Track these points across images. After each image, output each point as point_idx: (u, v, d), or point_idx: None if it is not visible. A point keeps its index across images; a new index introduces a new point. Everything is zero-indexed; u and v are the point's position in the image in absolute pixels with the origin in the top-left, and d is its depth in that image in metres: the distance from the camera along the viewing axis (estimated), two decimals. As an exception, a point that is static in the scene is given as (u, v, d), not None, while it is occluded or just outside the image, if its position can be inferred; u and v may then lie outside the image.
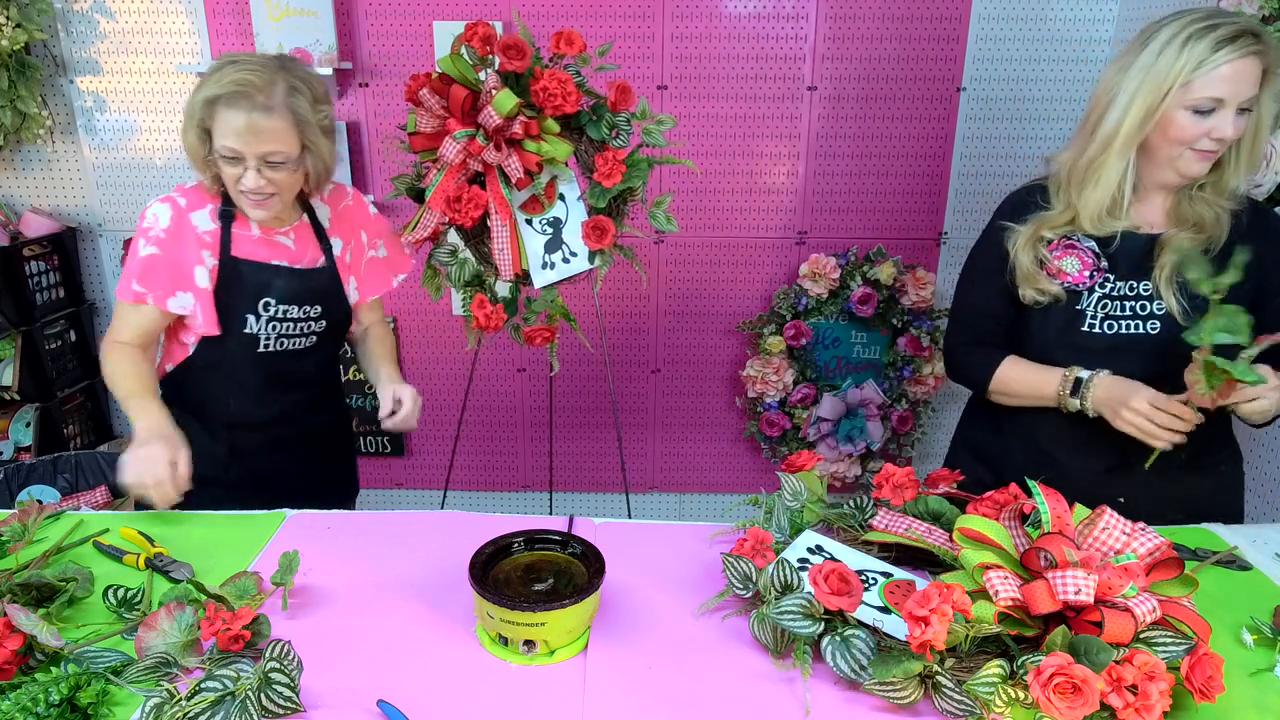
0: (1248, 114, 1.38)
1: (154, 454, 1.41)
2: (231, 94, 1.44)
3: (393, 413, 1.68)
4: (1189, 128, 1.38)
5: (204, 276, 1.58)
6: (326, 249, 1.71)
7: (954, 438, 1.81)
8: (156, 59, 2.86)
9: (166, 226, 1.57)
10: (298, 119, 1.49)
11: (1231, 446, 1.60)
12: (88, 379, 3.09)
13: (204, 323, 1.59)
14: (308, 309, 1.67)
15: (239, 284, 1.60)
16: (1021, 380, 1.55)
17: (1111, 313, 1.48)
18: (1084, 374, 1.48)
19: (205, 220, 1.59)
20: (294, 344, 1.69)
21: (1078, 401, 1.48)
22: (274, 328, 1.65)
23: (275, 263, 1.63)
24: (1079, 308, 1.50)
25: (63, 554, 1.32)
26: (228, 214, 1.60)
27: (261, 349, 1.65)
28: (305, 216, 1.69)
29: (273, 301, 1.63)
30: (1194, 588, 1.12)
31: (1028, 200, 1.56)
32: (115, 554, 1.32)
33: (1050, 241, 1.51)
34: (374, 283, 1.82)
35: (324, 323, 1.72)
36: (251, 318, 1.62)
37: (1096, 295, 1.49)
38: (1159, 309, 1.46)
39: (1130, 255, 1.48)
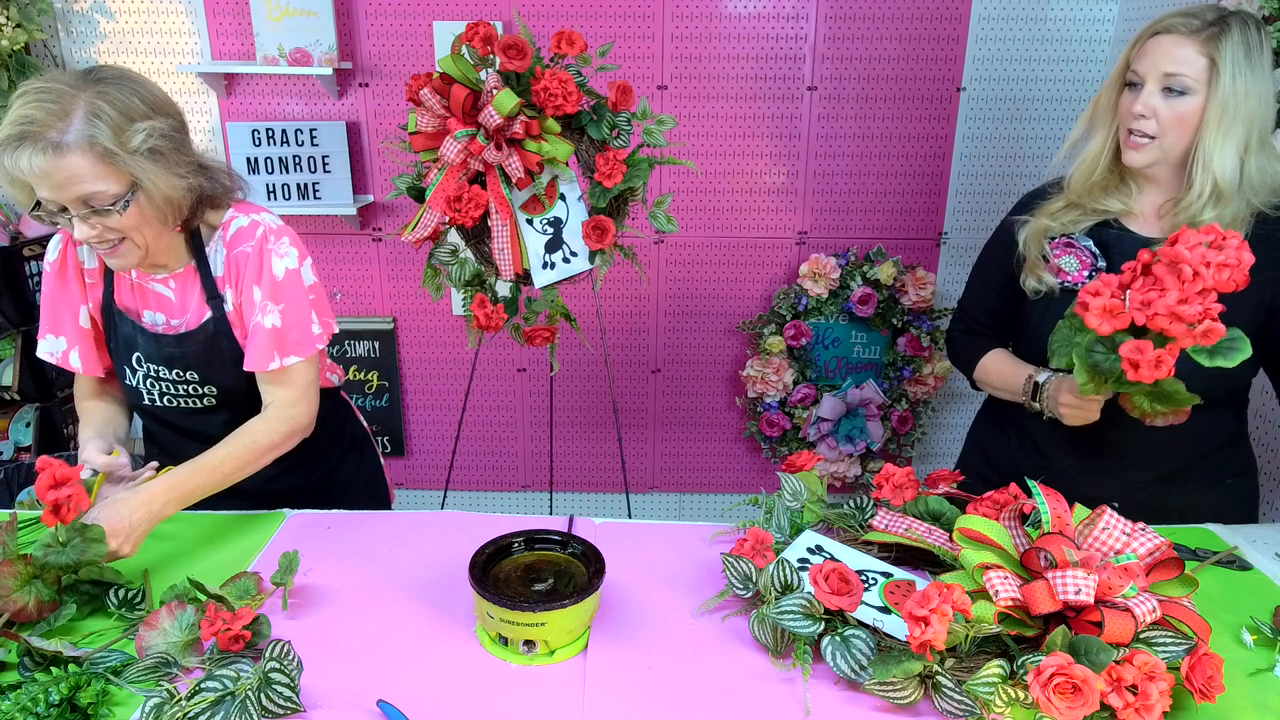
0: (1181, 100, 1.35)
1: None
2: (16, 136, 1.17)
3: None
4: (1123, 103, 1.41)
5: (85, 317, 1.44)
6: (216, 303, 1.42)
7: (967, 436, 1.81)
8: (156, 59, 2.86)
9: (54, 260, 1.42)
10: (102, 151, 1.19)
11: (1242, 458, 1.56)
12: (88, 379, 3.09)
13: (82, 366, 1.47)
14: (179, 373, 1.43)
15: (113, 334, 1.45)
16: (997, 373, 1.60)
17: None
18: (1041, 377, 1.47)
19: (89, 257, 1.42)
20: (187, 403, 1.47)
21: (1038, 405, 1.49)
22: (153, 385, 1.45)
23: (145, 318, 1.44)
24: None
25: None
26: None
27: (146, 403, 1.48)
28: (194, 261, 1.41)
29: (142, 357, 1.43)
30: (1194, 588, 1.12)
31: (1041, 193, 1.58)
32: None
33: (1053, 239, 1.52)
34: (253, 354, 1.40)
35: (212, 388, 1.45)
36: (128, 370, 1.45)
37: None
38: None
39: (1128, 258, 1.46)
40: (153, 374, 1.44)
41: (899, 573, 1.24)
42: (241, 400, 1.47)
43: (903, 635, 1.03)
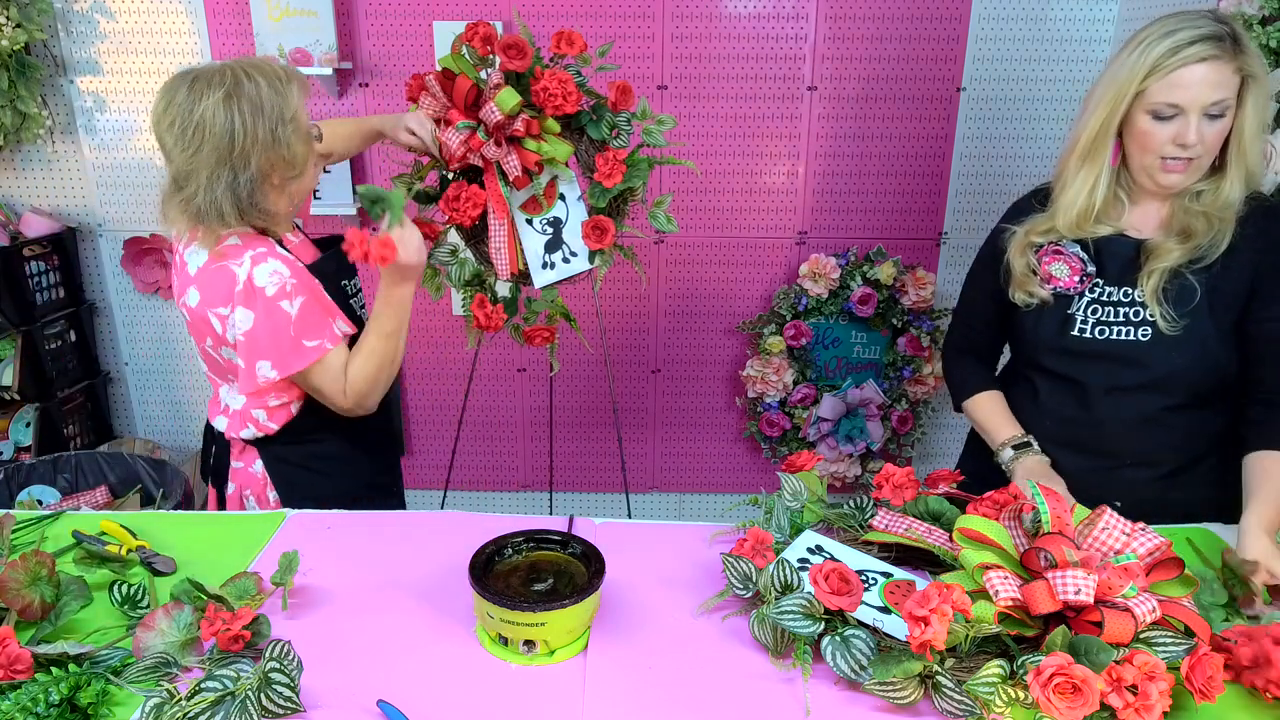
0: (1220, 120, 1.35)
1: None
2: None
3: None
4: (1153, 134, 1.37)
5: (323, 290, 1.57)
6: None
7: (969, 435, 1.81)
8: (156, 59, 2.86)
9: (292, 271, 1.49)
10: None
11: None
12: (88, 379, 3.09)
13: (347, 326, 1.59)
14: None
15: (330, 287, 1.58)
16: (984, 416, 1.64)
17: (1103, 318, 1.47)
18: (1006, 456, 1.55)
19: (285, 254, 1.53)
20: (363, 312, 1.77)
21: (1004, 469, 1.57)
22: (359, 303, 1.73)
23: (331, 250, 1.68)
24: (1069, 312, 1.49)
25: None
26: (279, 243, 1.55)
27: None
28: None
29: (349, 282, 1.71)
30: (1194, 588, 1.12)
31: (1028, 203, 1.57)
32: (96, 543, 1.29)
33: (1040, 247, 1.51)
34: None
35: None
36: (353, 303, 1.71)
37: (1086, 300, 1.48)
38: (1150, 316, 1.43)
39: (1119, 260, 1.47)
40: (359, 289, 1.74)
41: (899, 573, 1.24)
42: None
43: (903, 635, 1.03)
